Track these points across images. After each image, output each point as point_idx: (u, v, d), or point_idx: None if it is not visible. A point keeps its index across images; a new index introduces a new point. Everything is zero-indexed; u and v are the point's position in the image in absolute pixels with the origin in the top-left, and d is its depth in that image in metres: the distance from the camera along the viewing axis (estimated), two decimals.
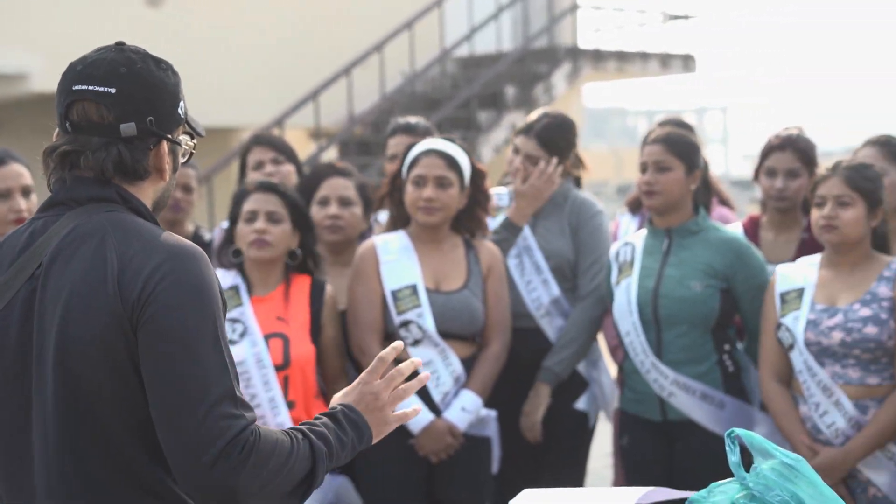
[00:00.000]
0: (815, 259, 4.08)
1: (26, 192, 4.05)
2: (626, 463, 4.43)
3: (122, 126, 2.19)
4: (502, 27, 12.38)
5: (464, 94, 11.33)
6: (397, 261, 4.22)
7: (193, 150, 2.34)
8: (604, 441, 6.18)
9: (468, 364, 4.23)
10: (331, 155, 11.14)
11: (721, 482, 2.30)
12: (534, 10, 12.39)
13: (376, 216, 4.75)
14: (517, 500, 2.43)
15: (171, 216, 4.66)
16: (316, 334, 4.09)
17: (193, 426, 2.05)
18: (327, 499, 4.06)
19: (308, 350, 4.05)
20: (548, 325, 4.52)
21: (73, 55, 2.27)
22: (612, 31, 13.49)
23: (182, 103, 2.27)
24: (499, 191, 4.71)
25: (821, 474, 2.29)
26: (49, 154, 2.24)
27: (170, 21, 11.17)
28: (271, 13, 11.90)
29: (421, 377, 2.40)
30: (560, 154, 4.52)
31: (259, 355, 4.00)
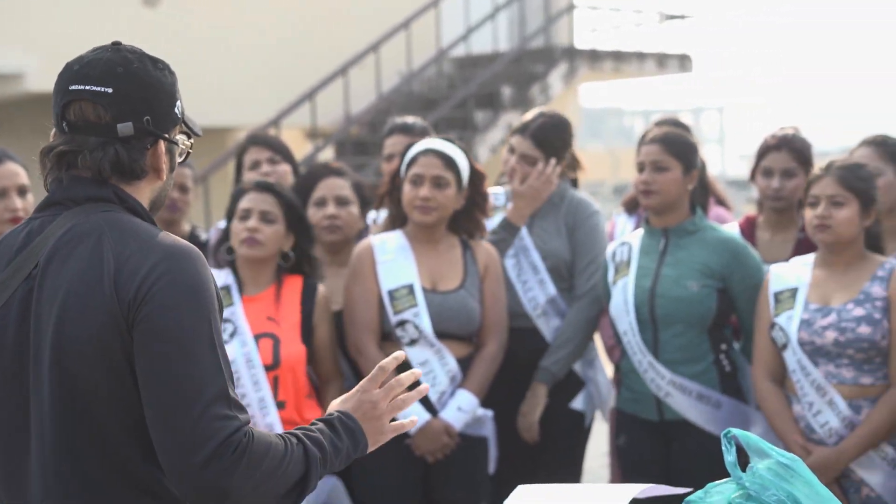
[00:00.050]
0: (809, 259, 4.09)
1: (22, 191, 4.05)
2: (623, 462, 4.43)
3: (119, 126, 2.19)
4: (499, 27, 12.37)
5: (460, 94, 11.33)
6: (394, 260, 4.22)
7: (190, 150, 2.33)
8: (600, 441, 6.18)
9: (464, 364, 4.23)
10: (327, 155, 11.13)
11: (717, 482, 2.29)
12: (530, 10, 12.38)
13: (377, 216, 4.74)
14: (513, 497, 2.43)
15: (168, 216, 4.66)
16: (307, 335, 4.08)
17: (188, 426, 2.05)
18: (319, 500, 4.05)
19: (299, 350, 4.04)
20: (544, 325, 4.52)
21: (70, 55, 2.27)
22: (608, 31, 13.48)
23: (179, 103, 2.27)
24: (495, 190, 4.71)
25: (814, 474, 2.29)
26: (46, 154, 2.23)
27: (167, 21, 11.17)
28: (268, 13, 11.89)
29: (420, 388, 2.40)
30: (555, 154, 4.52)
31: (249, 355, 3.99)
